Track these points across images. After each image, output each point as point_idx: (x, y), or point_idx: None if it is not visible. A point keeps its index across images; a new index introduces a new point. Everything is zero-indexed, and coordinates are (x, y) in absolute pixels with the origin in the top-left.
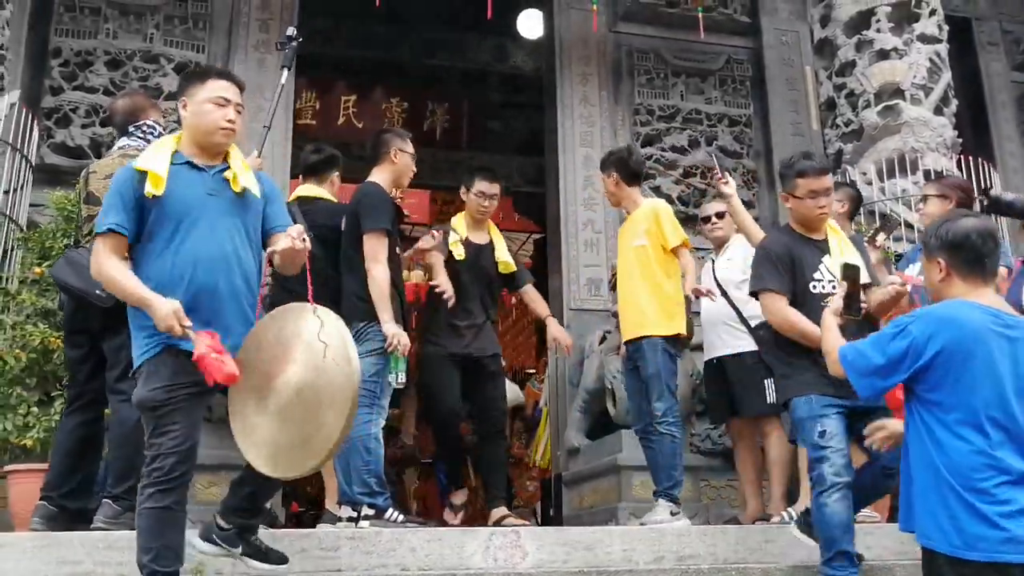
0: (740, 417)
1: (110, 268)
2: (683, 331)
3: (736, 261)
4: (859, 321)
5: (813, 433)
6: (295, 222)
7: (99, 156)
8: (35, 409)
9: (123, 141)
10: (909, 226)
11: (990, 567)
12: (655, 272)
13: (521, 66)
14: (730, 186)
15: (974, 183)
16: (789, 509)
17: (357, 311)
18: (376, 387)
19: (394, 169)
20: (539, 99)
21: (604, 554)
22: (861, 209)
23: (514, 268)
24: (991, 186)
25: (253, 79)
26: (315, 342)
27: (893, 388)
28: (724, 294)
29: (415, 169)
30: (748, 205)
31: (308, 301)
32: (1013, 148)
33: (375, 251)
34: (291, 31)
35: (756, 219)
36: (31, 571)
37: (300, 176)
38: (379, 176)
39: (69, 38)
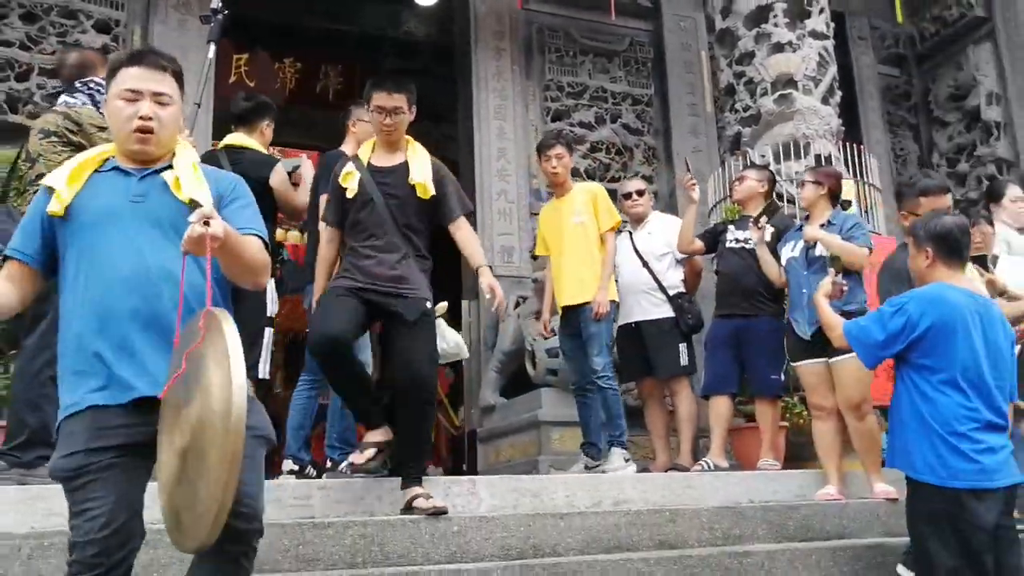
0: (653, 377)
1: None
2: (616, 298)
3: (656, 235)
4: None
5: None
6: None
7: (15, 112)
8: None
9: (65, 98)
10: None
11: (968, 492)
12: (592, 246)
13: (414, 32)
14: (696, 192)
15: (852, 166)
16: (706, 460)
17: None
18: None
19: (355, 137)
20: (432, 65)
21: (549, 499)
22: (763, 184)
23: (432, 193)
24: (867, 169)
25: (175, 40)
26: (206, 377)
27: (889, 358)
28: (645, 265)
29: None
30: (647, 179)
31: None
32: (879, 135)
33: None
34: (216, 3)
35: (655, 193)
36: (20, 523)
37: (232, 125)
38: (345, 146)
39: None
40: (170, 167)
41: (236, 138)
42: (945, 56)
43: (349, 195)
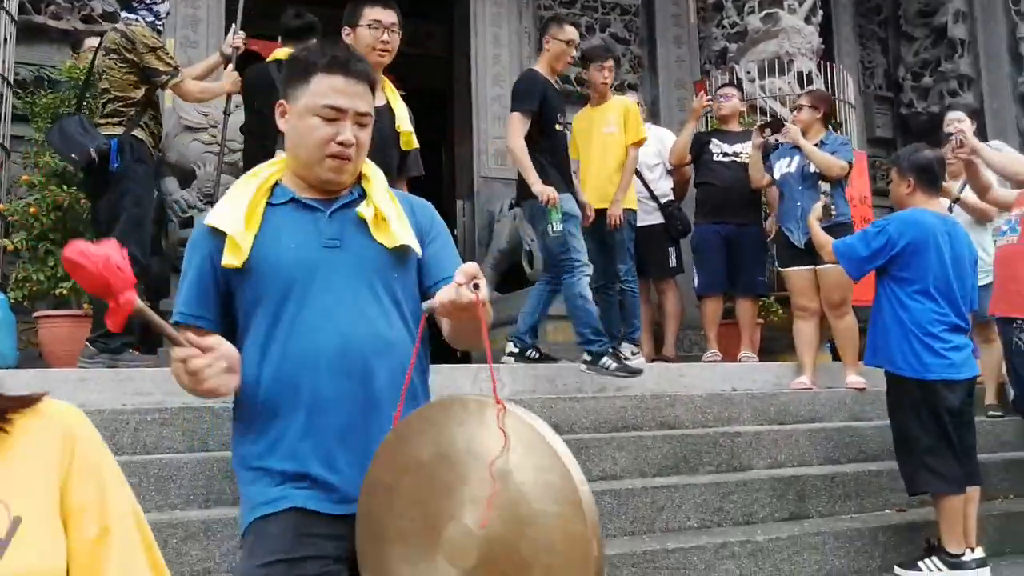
0: (643, 277)
1: None
2: (635, 205)
3: (648, 146)
4: None
5: None
6: (276, 88)
7: (38, 12)
8: None
9: (124, 13)
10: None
11: (940, 383)
12: (619, 156)
13: None
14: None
15: (828, 84)
16: (744, 354)
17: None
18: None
19: (548, 55)
20: None
21: (562, 385)
22: (745, 103)
23: (415, 147)
24: (844, 87)
25: None
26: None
27: (872, 270)
28: (637, 174)
29: (572, 53)
30: (632, 88)
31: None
32: (849, 48)
33: (512, 130)
34: None
35: (639, 104)
36: (111, 400)
37: (279, 38)
38: (538, 64)
39: None
40: (362, 195)
41: (286, 53)
42: None
43: None
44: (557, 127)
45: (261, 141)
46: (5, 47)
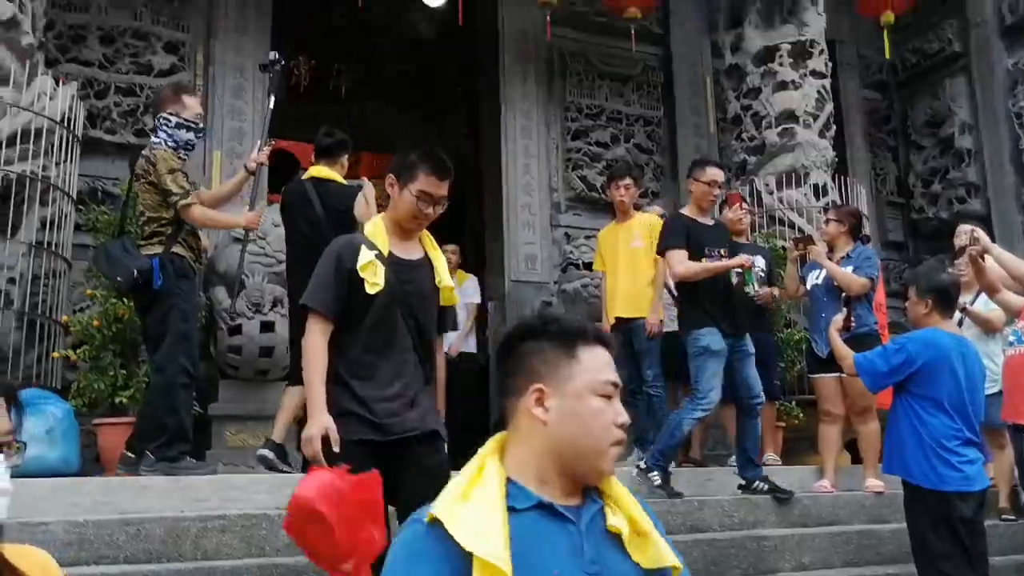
0: (669, 382)
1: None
2: (663, 316)
3: None
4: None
5: None
6: (311, 204)
7: (94, 127)
8: (123, 371)
9: (152, 137)
10: (799, 229)
11: (955, 495)
12: (646, 269)
13: (422, 32)
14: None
15: (842, 195)
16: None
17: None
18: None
19: (692, 197)
20: (437, 62)
21: None
22: (763, 214)
23: (455, 302)
24: (856, 198)
25: (231, 60)
26: None
27: (890, 385)
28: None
29: (715, 193)
30: (654, 195)
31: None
32: (861, 155)
33: (672, 262)
34: (273, 55)
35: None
36: (170, 507)
37: (313, 156)
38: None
39: (61, 11)
40: (597, 493)
41: (319, 170)
42: (923, 85)
43: (370, 290)
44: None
45: (309, 267)
46: (69, 165)
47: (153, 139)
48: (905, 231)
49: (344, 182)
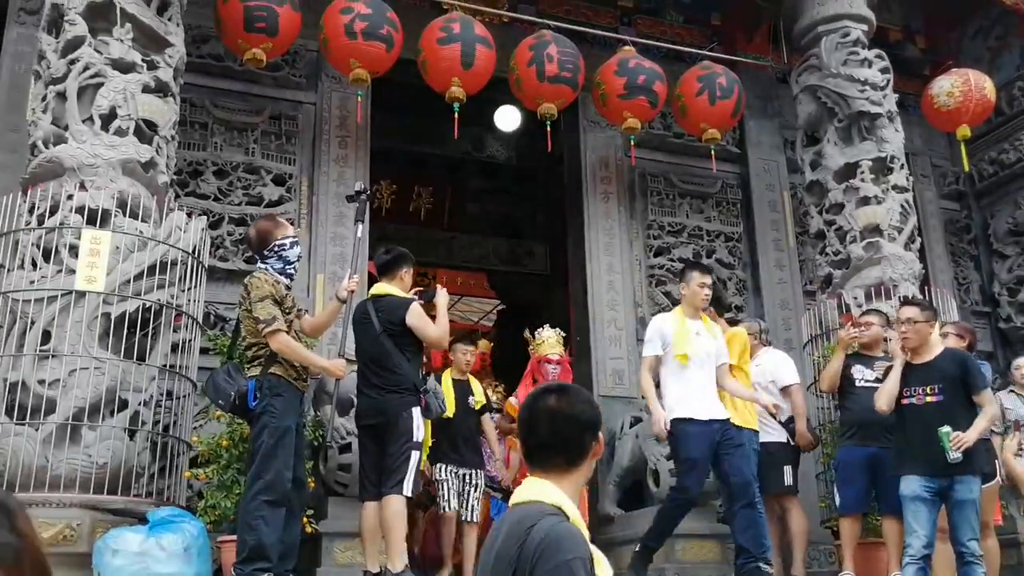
0: (763, 494)
1: None
2: (757, 426)
3: (765, 367)
4: None
5: None
6: (371, 320)
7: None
8: None
9: (258, 264)
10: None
11: None
12: (745, 382)
13: (496, 155)
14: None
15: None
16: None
17: None
18: None
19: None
20: (511, 185)
21: None
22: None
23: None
24: (947, 311)
25: (334, 189)
26: None
27: None
28: None
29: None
30: (739, 309)
31: None
32: (943, 265)
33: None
34: (359, 185)
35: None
36: None
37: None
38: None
39: (182, 149)
40: None
41: (380, 288)
42: (1003, 194)
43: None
44: None
45: (367, 381)
46: (195, 291)
47: (259, 266)
48: (993, 341)
49: (402, 294)
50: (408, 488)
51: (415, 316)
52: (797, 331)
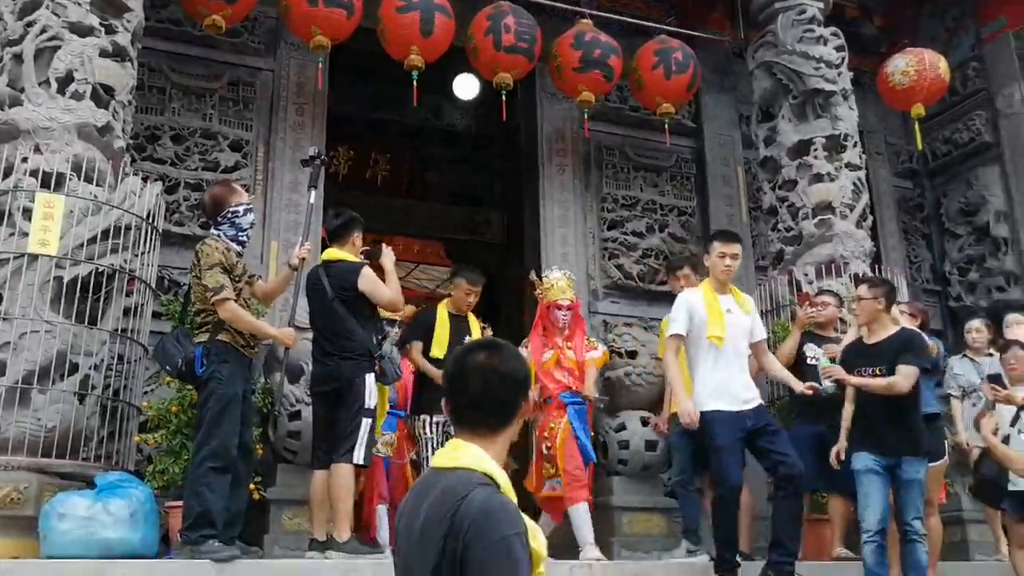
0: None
1: None
2: None
3: None
4: None
5: None
6: (324, 287)
7: (165, 220)
8: None
9: (211, 231)
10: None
11: None
12: None
13: (455, 123)
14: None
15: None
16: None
17: None
18: None
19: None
20: (471, 154)
21: None
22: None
23: None
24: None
25: (290, 155)
26: None
27: None
28: None
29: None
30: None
31: None
32: (895, 243)
33: None
34: (314, 150)
35: None
36: None
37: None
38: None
39: (139, 114)
40: None
41: (331, 253)
42: (955, 174)
43: None
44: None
45: (322, 348)
46: (149, 256)
47: (212, 232)
48: (943, 319)
49: (354, 260)
50: (359, 456)
51: (367, 281)
52: None
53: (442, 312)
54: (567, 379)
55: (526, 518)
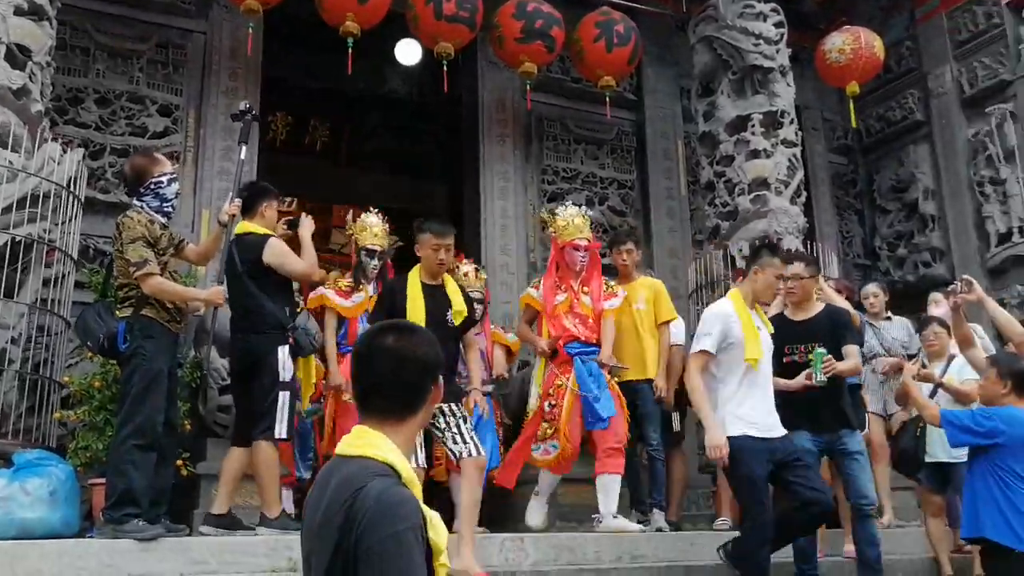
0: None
1: None
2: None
3: None
4: None
5: None
6: (234, 261)
7: (89, 187)
8: None
9: (134, 201)
10: None
11: None
12: (649, 331)
13: (397, 90)
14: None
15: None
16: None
17: None
18: None
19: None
20: (413, 122)
21: (582, 555)
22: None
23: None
24: (826, 264)
25: (222, 122)
26: None
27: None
28: None
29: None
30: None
31: None
32: (828, 218)
33: None
34: (245, 104)
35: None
36: (171, 570)
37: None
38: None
39: (61, 75)
40: None
41: (242, 226)
42: (888, 151)
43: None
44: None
45: (236, 325)
46: (71, 225)
47: (135, 203)
48: None
49: (263, 231)
50: (280, 430)
51: (273, 254)
52: (684, 280)
53: (412, 281)
54: (577, 328)
55: (426, 509)
